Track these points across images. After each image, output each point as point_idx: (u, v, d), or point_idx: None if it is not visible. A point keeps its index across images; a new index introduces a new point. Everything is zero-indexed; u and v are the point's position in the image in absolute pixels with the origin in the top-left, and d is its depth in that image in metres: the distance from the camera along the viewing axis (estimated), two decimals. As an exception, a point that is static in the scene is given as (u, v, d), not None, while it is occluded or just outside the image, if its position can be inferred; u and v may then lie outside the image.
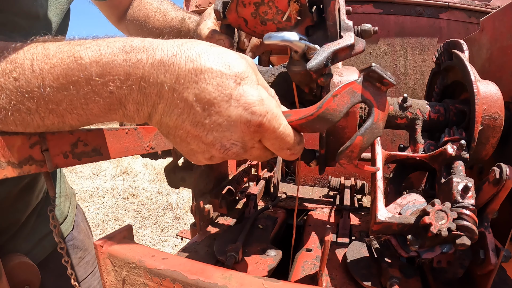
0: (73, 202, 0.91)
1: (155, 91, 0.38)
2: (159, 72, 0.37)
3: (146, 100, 0.38)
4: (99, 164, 5.83)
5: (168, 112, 0.39)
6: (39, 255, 0.72)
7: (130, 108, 0.39)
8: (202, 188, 0.83)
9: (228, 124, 0.39)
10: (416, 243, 0.47)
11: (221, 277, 0.41)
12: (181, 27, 0.84)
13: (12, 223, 0.66)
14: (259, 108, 0.39)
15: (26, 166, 0.40)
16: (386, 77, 0.44)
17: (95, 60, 0.37)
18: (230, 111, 0.38)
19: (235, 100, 0.38)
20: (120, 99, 0.38)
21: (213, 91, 0.37)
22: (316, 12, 0.54)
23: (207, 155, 0.43)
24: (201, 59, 0.37)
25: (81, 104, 0.38)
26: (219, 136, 0.40)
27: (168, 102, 0.38)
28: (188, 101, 0.38)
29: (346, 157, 0.46)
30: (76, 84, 0.37)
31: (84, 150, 0.48)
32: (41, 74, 0.36)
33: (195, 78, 0.37)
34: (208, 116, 0.38)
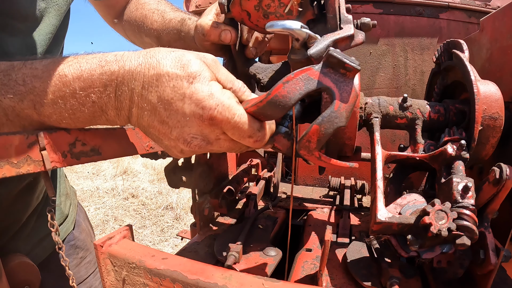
0: (74, 201, 0.90)
1: (128, 97, 0.43)
2: (129, 80, 0.42)
3: (122, 105, 0.44)
4: (99, 164, 5.83)
5: (141, 114, 0.44)
6: (39, 255, 0.72)
7: (111, 113, 0.45)
8: (202, 188, 0.83)
9: (185, 120, 0.43)
10: (416, 243, 0.47)
11: (221, 277, 0.41)
12: (182, 27, 0.84)
13: (12, 223, 0.66)
14: (209, 102, 0.42)
15: (24, 165, 0.40)
16: (348, 62, 0.41)
17: (77, 76, 0.42)
18: (185, 108, 0.42)
19: (188, 98, 0.42)
20: (101, 107, 0.44)
21: (170, 92, 0.42)
22: (316, 6, 0.55)
23: (178, 149, 0.47)
24: (160, 65, 0.42)
25: (69, 115, 0.44)
26: (180, 132, 0.44)
27: (139, 106, 0.43)
28: (153, 103, 0.43)
29: (304, 147, 0.44)
30: (63, 98, 0.42)
31: (82, 149, 0.48)
32: (32, 92, 0.42)
33: (156, 83, 0.42)
34: (169, 115, 0.43)
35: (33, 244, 0.71)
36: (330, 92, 0.42)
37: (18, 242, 0.68)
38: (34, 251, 0.71)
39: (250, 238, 0.75)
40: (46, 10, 0.61)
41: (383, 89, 1.28)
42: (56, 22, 0.63)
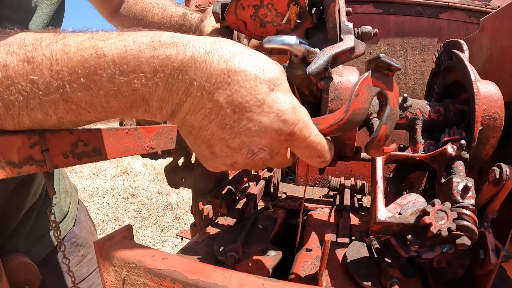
0: (75, 198, 0.90)
1: (182, 89, 0.36)
2: (189, 69, 0.35)
3: (172, 97, 0.37)
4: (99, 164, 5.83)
5: (194, 111, 0.37)
6: (40, 254, 0.72)
7: (154, 105, 0.37)
8: (202, 188, 0.83)
9: (259, 130, 0.38)
10: (416, 243, 0.47)
11: (221, 277, 0.41)
12: (183, 22, 0.84)
13: (9, 220, 0.66)
14: (291, 116, 0.38)
15: (26, 166, 0.40)
16: (394, 64, 0.45)
17: (119, 58, 0.34)
18: (262, 116, 0.37)
19: (267, 106, 0.37)
20: (144, 96, 0.36)
21: (246, 95, 0.36)
22: (316, 14, 0.54)
23: (229, 161, 0.41)
24: (235, 60, 0.36)
25: (101, 103, 0.36)
26: (247, 141, 0.38)
27: (196, 101, 0.37)
28: (218, 102, 0.36)
29: (375, 147, 0.47)
30: (97, 83, 0.35)
31: (84, 150, 0.48)
32: (61, 74, 0.34)
33: (227, 79, 0.36)
34: (238, 119, 0.37)
35: (32, 242, 0.71)
36: (384, 93, 0.46)
37: (18, 240, 0.68)
38: (34, 249, 0.71)
39: (250, 238, 0.75)
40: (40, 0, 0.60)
41: (383, 89, 1.28)
42: (49, 12, 0.62)
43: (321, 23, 0.54)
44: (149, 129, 0.67)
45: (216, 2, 0.59)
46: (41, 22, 0.61)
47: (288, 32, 0.54)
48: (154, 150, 0.68)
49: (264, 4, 0.52)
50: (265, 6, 0.53)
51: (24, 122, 0.37)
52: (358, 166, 1.23)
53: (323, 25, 0.53)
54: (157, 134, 0.70)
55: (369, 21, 1.27)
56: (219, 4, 0.58)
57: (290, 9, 0.52)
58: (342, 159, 0.69)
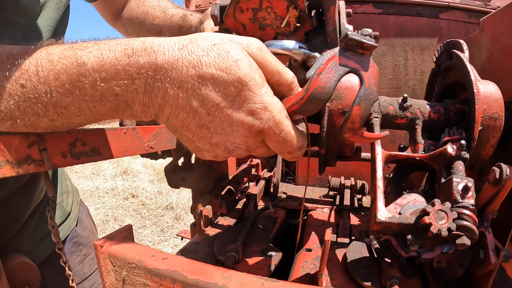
0: (77, 198, 0.91)
1: (160, 95, 0.38)
2: (163, 77, 0.37)
3: (152, 103, 0.39)
4: (99, 164, 5.83)
5: (174, 115, 0.40)
6: (42, 253, 0.72)
7: (137, 109, 0.40)
8: (202, 188, 0.83)
9: (231, 129, 0.40)
10: (416, 243, 0.47)
11: (221, 277, 0.41)
12: (183, 23, 0.84)
13: (13, 221, 0.66)
14: (261, 115, 0.39)
15: (24, 165, 0.40)
16: (366, 41, 0.43)
17: (98, 65, 0.37)
18: (233, 116, 0.39)
19: (237, 105, 0.39)
20: (127, 101, 0.39)
21: (217, 97, 0.38)
22: (315, 16, 0.54)
23: (212, 154, 0.44)
24: (203, 65, 0.37)
25: (88, 107, 0.39)
26: (223, 139, 0.41)
27: (173, 106, 0.39)
28: (193, 106, 0.38)
29: (349, 130, 0.45)
30: (81, 89, 0.37)
31: (82, 149, 0.48)
32: (47, 80, 0.37)
33: (198, 85, 0.37)
34: (212, 120, 0.39)
35: (35, 242, 0.71)
36: (357, 72, 0.44)
37: (21, 240, 0.68)
38: (37, 249, 0.71)
39: (250, 238, 0.75)
40: (46, 4, 0.60)
41: (383, 89, 1.28)
42: (55, 15, 0.63)
43: (321, 26, 0.54)
44: (148, 129, 0.67)
45: (214, 5, 0.58)
46: (48, 26, 0.61)
47: (288, 35, 0.54)
48: (154, 150, 0.68)
49: (263, 8, 0.52)
50: (264, 9, 0.52)
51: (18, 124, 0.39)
52: (358, 166, 1.23)
53: (323, 27, 0.53)
54: (156, 134, 0.70)
55: (369, 21, 1.27)
56: (218, 6, 0.58)
57: (290, 12, 0.52)
58: (342, 159, 0.68)
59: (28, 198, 0.68)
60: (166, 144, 0.76)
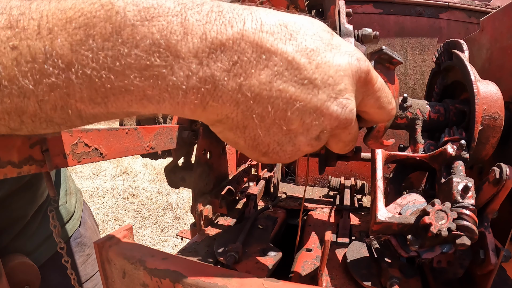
0: (80, 199, 0.91)
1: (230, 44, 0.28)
2: (235, 20, 0.28)
3: (214, 60, 0.27)
4: (99, 164, 5.83)
5: (256, 74, 0.29)
6: (45, 253, 0.72)
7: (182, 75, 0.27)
8: (202, 188, 0.83)
9: (342, 75, 0.32)
10: (416, 243, 0.47)
11: (221, 277, 0.41)
12: None
13: (15, 221, 0.66)
14: (361, 55, 0.33)
15: (26, 166, 0.40)
16: (396, 57, 0.45)
17: (132, 3, 0.25)
18: (337, 59, 0.32)
19: (336, 48, 0.32)
20: (168, 60, 0.26)
21: (313, 41, 0.31)
22: (315, 16, 0.54)
23: (315, 132, 0.33)
24: (281, 14, 0.31)
25: (99, 70, 0.25)
26: (333, 92, 0.31)
27: (256, 58, 0.29)
28: (288, 53, 0.29)
29: (373, 137, 0.47)
30: (98, 37, 0.25)
31: (84, 150, 0.48)
32: (51, 34, 0.25)
33: (286, 29, 0.30)
34: (316, 69, 0.30)
35: (39, 243, 0.71)
36: None
37: (24, 241, 0.68)
38: (40, 249, 0.71)
39: (250, 238, 0.75)
40: None
41: (383, 89, 1.28)
42: None
43: None
44: (149, 129, 0.67)
45: None
46: None
47: None
48: (154, 150, 0.68)
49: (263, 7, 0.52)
50: None
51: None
52: (358, 166, 1.23)
53: None
54: (157, 134, 0.70)
55: (369, 21, 1.27)
56: None
57: (290, 11, 0.52)
58: (342, 159, 0.69)
59: (30, 198, 0.68)
60: (166, 144, 0.76)
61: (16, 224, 0.66)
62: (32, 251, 0.68)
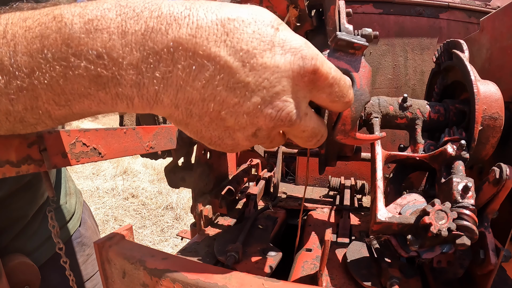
0: (80, 199, 0.91)
1: (166, 53, 0.29)
2: (171, 27, 0.28)
3: (153, 70, 0.29)
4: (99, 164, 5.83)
5: (190, 81, 0.30)
6: (46, 254, 0.72)
7: (126, 85, 0.29)
8: (202, 188, 0.83)
9: (279, 76, 0.31)
10: (416, 243, 0.47)
11: (221, 277, 0.41)
12: None
13: (15, 221, 0.66)
14: (308, 51, 0.32)
15: (24, 165, 0.40)
16: (356, 41, 0.42)
17: (79, 15, 0.28)
18: (277, 59, 0.31)
19: (279, 46, 0.31)
20: (113, 71, 0.28)
21: (251, 40, 0.30)
22: (315, 16, 0.54)
23: (251, 130, 0.33)
24: (223, 10, 0.30)
25: (57, 79, 0.28)
26: (268, 96, 0.31)
27: (189, 65, 0.29)
28: (221, 57, 0.29)
29: (340, 132, 0.44)
30: (52, 47, 0.27)
31: (82, 150, 0.48)
32: (14, 40, 0.28)
33: (222, 29, 0.29)
34: (250, 72, 0.30)
35: (39, 243, 0.71)
36: (348, 73, 0.43)
37: (24, 241, 0.68)
38: (40, 249, 0.71)
39: (250, 238, 0.75)
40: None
41: (383, 89, 1.28)
42: None
43: (321, 25, 0.54)
44: (148, 129, 0.67)
45: None
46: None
47: None
48: (154, 150, 0.68)
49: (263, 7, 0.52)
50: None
51: None
52: (358, 166, 1.23)
53: (323, 27, 0.53)
54: (156, 134, 0.70)
55: (369, 21, 1.27)
56: None
57: (290, 11, 0.52)
58: (342, 159, 0.69)
59: (30, 199, 0.68)
60: (166, 144, 0.76)
61: (16, 224, 0.66)
62: (33, 251, 0.68)
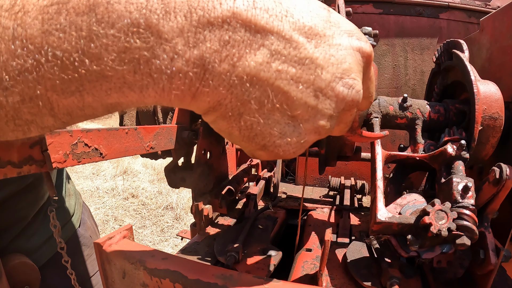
0: (79, 200, 0.91)
1: (220, 23, 0.25)
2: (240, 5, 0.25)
3: (203, 40, 0.25)
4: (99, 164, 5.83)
5: (251, 53, 0.26)
6: (46, 254, 0.72)
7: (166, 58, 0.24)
8: (202, 188, 0.83)
9: (344, 54, 0.29)
10: (416, 243, 0.47)
11: (221, 277, 0.41)
12: None
13: (16, 222, 0.66)
14: (361, 36, 0.31)
15: (26, 166, 0.40)
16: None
17: None
18: (337, 38, 0.29)
19: (335, 26, 0.30)
20: (149, 41, 0.23)
21: (310, 18, 0.28)
22: None
23: (323, 116, 0.30)
24: None
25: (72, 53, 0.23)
26: (338, 72, 0.29)
27: (249, 37, 0.26)
28: (285, 31, 0.27)
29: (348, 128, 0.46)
30: (69, 15, 0.22)
31: (84, 150, 0.48)
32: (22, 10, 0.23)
33: (281, 6, 0.27)
34: (316, 48, 0.28)
35: (40, 243, 0.72)
36: None
37: (24, 241, 0.68)
38: (41, 250, 0.71)
39: (250, 238, 0.75)
40: None
41: (383, 89, 1.29)
42: None
43: None
44: (148, 129, 0.67)
45: None
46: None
47: None
48: (154, 150, 0.68)
49: None
50: None
51: None
52: (358, 166, 1.23)
53: None
54: (157, 134, 0.70)
55: (369, 21, 1.27)
56: None
57: None
58: (342, 159, 0.69)
59: (32, 200, 0.69)
60: (166, 144, 0.76)
61: (17, 225, 0.66)
62: (33, 251, 0.68)
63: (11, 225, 0.65)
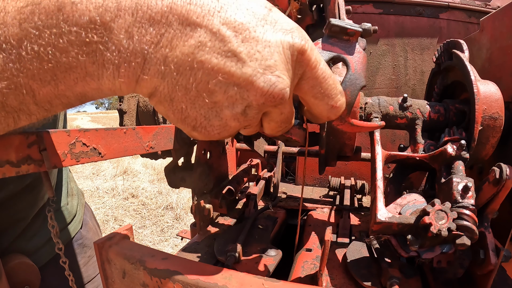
0: (81, 201, 0.91)
1: (159, 17, 0.28)
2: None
3: (144, 34, 0.28)
4: (99, 164, 5.83)
5: (180, 45, 0.29)
6: (47, 254, 0.72)
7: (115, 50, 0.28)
8: (202, 188, 0.83)
9: (271, 51, 0.31)
10: (416, 243, 0.47)
11: (221, 277, 0.41)
12: None
13: (16, 222, 0.66)
14: (299, 34, 0.33)
15: (24, 165, 0.40)
16: (349, 27, 0.42)
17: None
18: (268, 35, 0.31)
19: (270, 24, 0.32)
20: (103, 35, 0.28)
21: (244, 15, 0.31)
22: (316, 11, 0.54)
23: (240, 106, 0.32)
24: None
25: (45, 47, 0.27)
26: (260, 67, 0.31)
27: (181, 30, 0.29)
28: (213, 25, 0.29)
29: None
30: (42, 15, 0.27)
31: (82, 150, 0.48)
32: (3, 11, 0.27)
33: (217, 2, 0.30)
34: (242, 43, 0.30)
35: (40, 244, 0.71)
36: (342, 59, 0.43)
37: (25, 242, 0.68)
38: (41, 250, 0.71)
39: (250, 238, 0.75)
40: None
41: (383, 89, 1.28)
42: None
43: (321, 20, 0.54)
44: (147, 129, 0.67)
45: None
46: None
47: None
48: (154, 150, 0.68)
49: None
50: None
51: None
52: (358, 166, 1.23)
53: (323, 22, 0.53)
54: (156, 134, 0.70)
55: (369, 21, 1.27)
56: None
57: (291, 4, 0.52)
58: (342, 159, 0.69)
59: (31, 201, 0.68)
60: (166, 144, 0.76)
61: (17, 226, 0.66)
62: (33, 252, 0.68)
63: (11, 226, 0.65)
